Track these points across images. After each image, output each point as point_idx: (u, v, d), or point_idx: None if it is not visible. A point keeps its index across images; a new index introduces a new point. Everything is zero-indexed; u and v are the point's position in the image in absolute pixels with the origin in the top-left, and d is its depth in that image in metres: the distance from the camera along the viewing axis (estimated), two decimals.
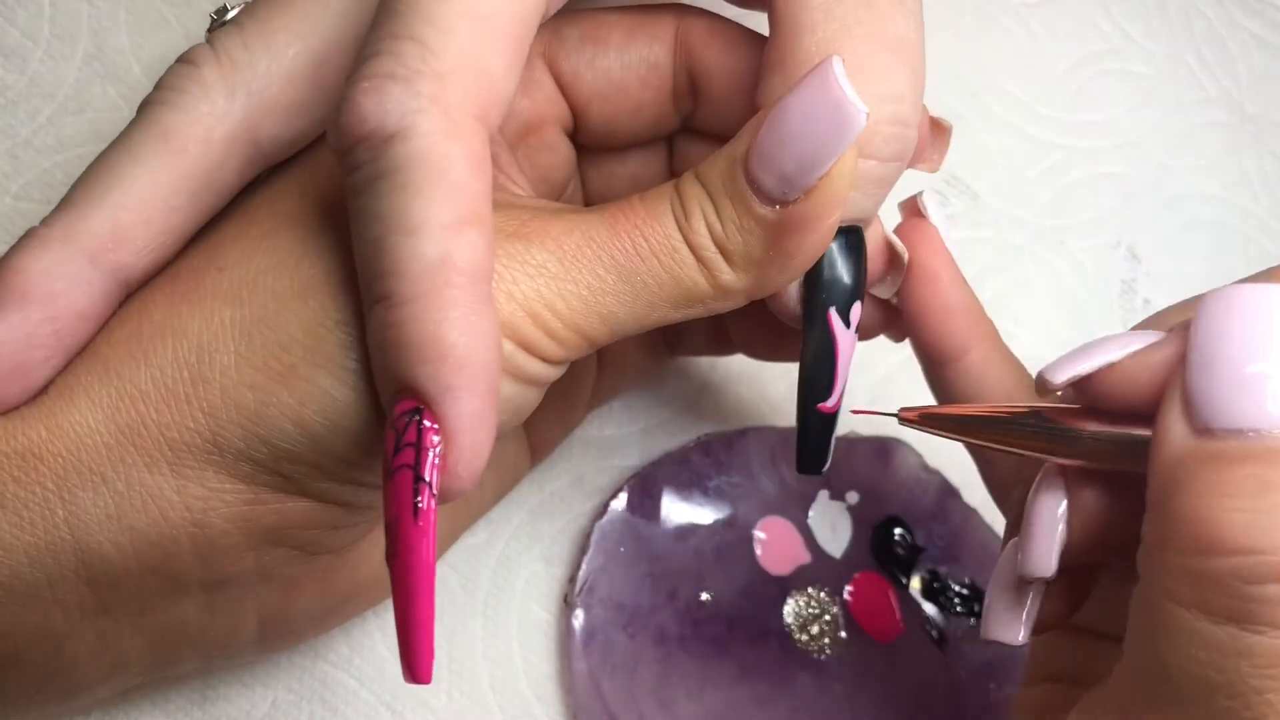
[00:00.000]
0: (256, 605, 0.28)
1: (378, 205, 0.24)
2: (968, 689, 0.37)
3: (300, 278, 0.26)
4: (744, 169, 0.26)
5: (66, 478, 0.25)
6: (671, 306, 0.27)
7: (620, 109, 0.30)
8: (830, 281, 0.28)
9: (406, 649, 0.24)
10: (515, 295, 0.25)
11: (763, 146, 0.26)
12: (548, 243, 0.26)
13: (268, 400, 0.25)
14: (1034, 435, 0.26)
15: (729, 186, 0.26)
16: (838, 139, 0.25)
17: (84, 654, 0.27)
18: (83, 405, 0.26)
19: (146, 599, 0.27)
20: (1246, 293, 0.23)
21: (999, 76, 0.47)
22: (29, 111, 0.38)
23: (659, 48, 0.30)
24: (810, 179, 0.25)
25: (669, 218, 0.26)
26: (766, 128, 0.26)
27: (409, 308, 0.23)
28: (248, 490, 0.26)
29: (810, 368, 0.29)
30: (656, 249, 0.26)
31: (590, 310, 0.26)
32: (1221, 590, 0.22)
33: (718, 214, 0.26)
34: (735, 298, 0.27)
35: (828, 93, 0.25)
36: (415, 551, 0.23)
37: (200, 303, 0.26)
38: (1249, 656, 0.22)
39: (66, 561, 0.25)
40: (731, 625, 0.36)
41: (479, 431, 0.23)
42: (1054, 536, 0.26)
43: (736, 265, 0.27)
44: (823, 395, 0.29)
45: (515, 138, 0.30)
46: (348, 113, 0.24)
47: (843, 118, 0.25)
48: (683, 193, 0.27)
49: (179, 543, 0.26)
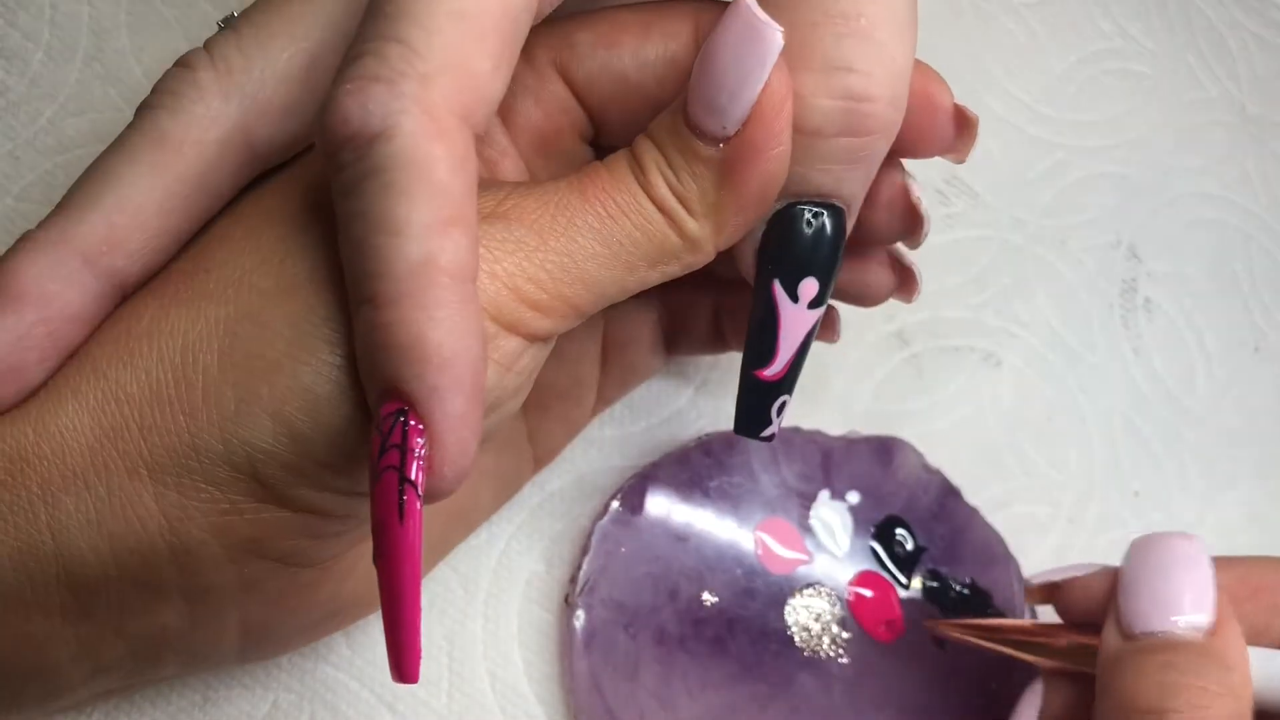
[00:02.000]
0: (239, 616, 0.28)
1: (362, 206, 0.24)
2: (968, 689, 0.37)
3: (285, 274, 0.26)
4: (684, 116, 0.27)
5: (51, 481, 0.25)
6: (648, 265, 0.27)
7: (639, 111, 0.30)
8: (776, 251, 0.28)
9: (394, 649, 0.24)
10: (498, 274, 0.25)
11: (696, 84, 0.26)
12: (525, 218, 0.26)
13: (248, 397, 0.25)
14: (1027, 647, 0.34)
15: (673, 137, 0.27)
16: (759, 61, 0.25)
17: (65, 658, 0.27)
18: (70, 408, 0.25)
19: (127, 605, 0.27)
20: (1159, 539, 0.32)
21: (999, 76, 0.47)
22: (30, 113, 0.38)
23: (675, 45, 0.30)
24: (741, 108, 0.26)
25: (630, 177, 0.27)
26: (696, 65, 0.26)
27: (393, 309, 0.23)
28: (224, 498, 0.26)
29: (754, 334, 0.29)
30: (625, 208, 0.27)
31: (572, 276, 0.26)
32: None
33: (669, 164, 0.27)
34: (704, 246, 0.28)
35: (742, 21, 0.26)
36: (401, 552, 0.23)
37: (188, 303, 0.26)
38: None
39: (48, 566, 0.25)
40: (732, 625, 0.36)
41: (464, 431, 0.23)
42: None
43: (696, 212, 0.27)
44: (762, 363, 0.30)
45: (532, 149, 0.30)
46: (332, 114, 0.24)
47: (757, 39, 0.25)
48: (637, 150, 0.27)
49: (158, 551, 0.26)
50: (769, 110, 0.26)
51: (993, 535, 0.39)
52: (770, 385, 0.30)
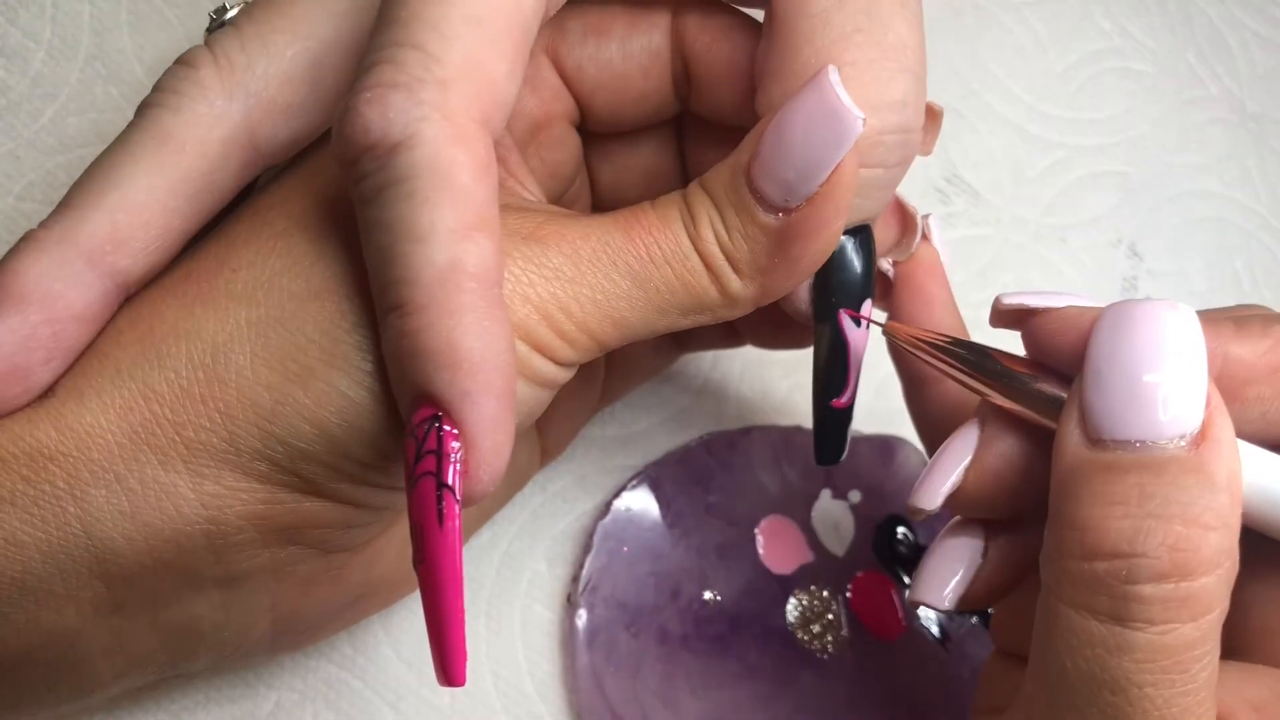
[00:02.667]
0: (270, 603, 0.28)
1: (386, 214, 0.24)
2: (970, 687, 0.37)
3: (315, 280, 0.26)
4: (747, 178, 0.26)
5: (78, 476, 0.25)
6: (681, 313, 0.27)
7: (624, 98, 0.30)
8: (840, 283, 0.29)
9: (440, 652, 0.24)
10: (531, 298, 0.25)
11: (764, 156, 0.26)
12: (564, 246, 0.26)
13: (284, 400, 0.25)
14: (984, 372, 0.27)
15: (733, 196, 0.26)
16: (836, 146, 0.25)
17: (97, 652, 0.27)
18: (94, 406, 0.26)
19: (160, 596, 0.27)
20: (1136, 309, 0.25)
21: (1000, 75, 0.47)
22: (31, 112, 0.38)
23: (658, 36, 0.30)
24: (811, 186, 0.25)
25: (680, 226, 0.27)
26: (767, 138, 0.26)
27: (422, 315, 0.23)
28: (264, 490, 0.26)
29: (824, 367, 0.30)
30: (669, 256, 0.26)
31: (603, 314, 0.26)
32: (1104, 591, 0.23)
33: (724, 223, 0.27)
34: (743, 305, 0.28)
35: (825, 102, 0.25)
36: (443, 556, 0.23)
37: (214, 303, 0.26)
38: (1129, 652, 0.23)
39: (80, 558, 0.25)
40: (734, 624, 0.36)
41: (498, 434, 0.24)
42: (948, 476, 0.28)
43: (743, 273, 0.27)
44: (837, 392, 0.30)
45: (526, 135, 0.30)
46: (351, 123, 0.24)
47: (840, 126, 0.25)
48: (690, 202, 0.27)
49: (193, 538, 0.26)
50: (839, 191, 0.26)
51: None
52: (844, 412, 0.30)
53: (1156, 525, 0.23)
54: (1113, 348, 0.25)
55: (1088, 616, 0.24)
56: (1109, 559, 0.23)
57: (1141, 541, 0.23)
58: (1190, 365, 0.24)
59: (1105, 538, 0.24)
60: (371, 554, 0.30)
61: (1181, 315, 0.25)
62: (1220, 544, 0.23)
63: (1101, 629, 0.23)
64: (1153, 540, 0.23)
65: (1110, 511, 0.24)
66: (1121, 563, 0.23)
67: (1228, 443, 0.24)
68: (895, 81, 0.26)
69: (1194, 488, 0.24)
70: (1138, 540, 0.23)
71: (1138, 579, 0.23)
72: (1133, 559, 0.23)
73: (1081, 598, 0.24)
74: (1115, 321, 0.25)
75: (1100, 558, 0.24)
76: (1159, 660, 0.23)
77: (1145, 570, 0.23)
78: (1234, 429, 0.25)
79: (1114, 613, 0.23)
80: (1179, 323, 0.25)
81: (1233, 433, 0.25)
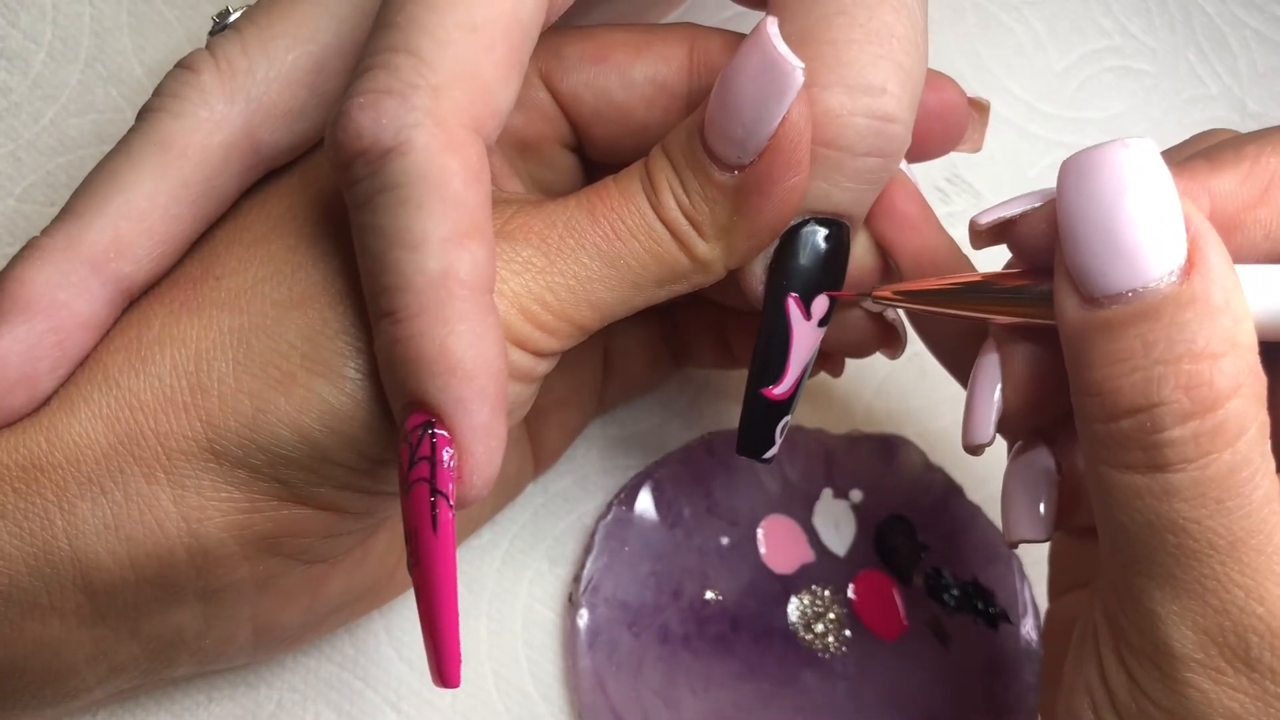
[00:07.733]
0: (251, 614, 0.28)
1: (378, 220, 0.24)
2: (971, 687, 0.37)
3: (298, 286, 0.26)
4: (701, 139, 0.26)
5: (66, 488, 0.25)
6: (656, 284, 0.27)
7: (624, 130, 0.30)
8: (794, 268, 0.28)
9: (435, 654, 0.24)
10: (505, 293, 0.26)
11: (713, 113, 0.26)
12: (531, 238, 0.26)
13: (266, 407, 0.25)
14: (983, 299, 0.27)
15: (689, 157, 0.27)
16: (778, 97, 0.25)
17: (81, 660, 0.27)
18: (83, 415, 0.26)
19: (143, 607, 0.27)
20: (1091, 157, 0.24)
21: (1000, 74, 0.47)
22: (32, 114, 0.38)
23: (667, 69, 0.29)
24: (760, 140, 0.26)
25: (641, 196, 0.27)
26: (714, 95, 0.26)
27: (415, 322, 0.23)
28: (244, 498, 0.26)
29: (761, 351, 0.29)
30: (634, 229, 0.27)
31: (579, 299, 0.26)
32: (1136, 445, 0.24)
33: (683, 186, 0.27)
34: (713, 268, 0.28)
35: (764, 54, 0.25)
36: (437, 560, 0.24)
37: (198, 311, 0.26)
38: (1177, 493, 0.24)
39: (65, 571, 0.26)
40: (736, 624, 0.36)
41: (491, 440, 0.24)
42: (990, 404, 0.28)
43: (707, 235, 0.27)
44: (771, 380, 0.29)
45: (511, 152, 0.30)
46: (344, 128, 0.24)
47: (778, 75, 0.25)
48: (650, 169, 0.27)
49: (175, 553, 0.26)
50: (786, 143, 0.26)
51: (995, 533, 0.39)
52: (776, 405, 0.29)
53: (1166, 371, 0.23)
54: (1079, 201, 0.24)
55: (1129, 472, 0.24)
56: (1131, 415, 0.24)
57: (1156, 391, 0.23)
58: (1159, 196, 0.24)
59: (1121, 396, 0.24)
60: (350, 564, 0.30)
61: (1136, 149, 0.24)
62: (1234, 366, 0.23)
63: (1144, 480, 0.24)
64: (1166, 387, 0.23)
65: (1119, 369, 0.24)
66: (1144, 415, 0.24)
67: (1217, 263, 0.24)
68: (875, 65, 0.26)
69: (1192, 321, 0.23)
70: (1152, 391, 0.24)
71: (1163, 426, 0.23)
72: (1153, 409, 0.23)
73: (1117, 457, 0.24)
74: (1076, 176, 0.25)
75: (1122, 416, 0.24)
76: (1208, 493, 0.23)
77: (1168, 416, 0.23)
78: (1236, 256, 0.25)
79: (1151, 463, 0.24)
80: (1136, 157, 0.24)
81: (1222, 250, 0.24)
